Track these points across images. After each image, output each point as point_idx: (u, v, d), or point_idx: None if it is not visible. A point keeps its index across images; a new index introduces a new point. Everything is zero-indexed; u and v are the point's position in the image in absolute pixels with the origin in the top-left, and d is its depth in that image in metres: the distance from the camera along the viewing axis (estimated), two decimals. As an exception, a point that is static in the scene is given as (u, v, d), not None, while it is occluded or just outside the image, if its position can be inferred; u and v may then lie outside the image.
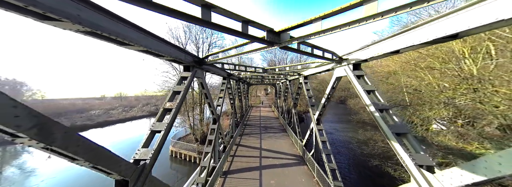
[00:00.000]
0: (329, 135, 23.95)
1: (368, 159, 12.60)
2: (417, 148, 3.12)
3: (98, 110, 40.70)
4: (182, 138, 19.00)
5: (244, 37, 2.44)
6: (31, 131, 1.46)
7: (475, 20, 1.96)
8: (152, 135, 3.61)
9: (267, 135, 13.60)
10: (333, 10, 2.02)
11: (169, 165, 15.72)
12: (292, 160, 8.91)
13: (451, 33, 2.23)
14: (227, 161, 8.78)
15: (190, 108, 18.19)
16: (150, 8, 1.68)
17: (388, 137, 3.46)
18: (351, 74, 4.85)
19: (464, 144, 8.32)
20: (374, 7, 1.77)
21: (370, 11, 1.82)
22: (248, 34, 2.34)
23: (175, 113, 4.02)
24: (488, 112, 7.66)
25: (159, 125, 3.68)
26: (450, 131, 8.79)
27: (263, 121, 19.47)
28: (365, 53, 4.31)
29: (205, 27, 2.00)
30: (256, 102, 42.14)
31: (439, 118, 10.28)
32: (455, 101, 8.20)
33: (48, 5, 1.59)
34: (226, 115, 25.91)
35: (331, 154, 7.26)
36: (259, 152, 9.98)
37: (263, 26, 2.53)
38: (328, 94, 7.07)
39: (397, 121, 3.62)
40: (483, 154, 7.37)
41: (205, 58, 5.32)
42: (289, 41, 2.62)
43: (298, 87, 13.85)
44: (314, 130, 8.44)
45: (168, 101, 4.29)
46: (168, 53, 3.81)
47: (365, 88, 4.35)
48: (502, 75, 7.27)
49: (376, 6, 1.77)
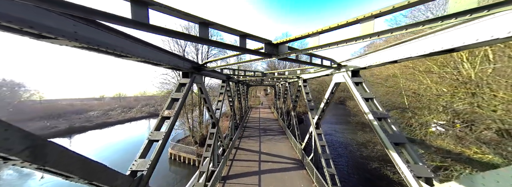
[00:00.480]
0: (328, 136, 23.94)
1: (367, 162, 12.61)
2: (416, 159, 3.12)
3: (96, 111, 40.54)
4: (181, 140, 18.94)
5: (243, 51, 2.44)
6: (23, 154, 1.45)
7: (471, 36, 1.97)
8: (149, 145, 3.58)
9: (266, 138, 13.59)
10: (330, 26, 2.02)
11: (168, 168, 15.68)
12: (291, 164, 8.90)
13: (448, 48, 2.24)
14: (226, 165, 8.76)
15: (189, 110, 18.14)
16: (148, 30, 1.68)
17: (386, 147, 3.46)
18: (350, 81, 4.85)
19: (463, 148, 8.35)
20: (370, 26, 1.78)
21: (366, 30, 1.82)
22: (246, 49, 2.34)
23: (173, 122, 4.01)
24: (486, 116, 7.70)
25: (157, 134, 3.66)
26: (448, 135, 8.81)
27: (262, 123, 19.46)
28: (363, 61, 4.32)
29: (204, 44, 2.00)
30: (256, 102, 42.13)
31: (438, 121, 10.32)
32: (454, 106, 8.23)
33: (44, 26, 1.58)
34: (225, 116, 25.87)
35: (330, 159, 7.25)
36: (258, 155, 9.97)
37: (261, 38, 2.53)
38: (327, 99, 7.07)
39: (395, 130, 3.62)
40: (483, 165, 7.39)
41: (204, 64, 5.31)
42: (287, 54, 2.62)
43: (297, 90, 13.86)
44: (313, 134, 8.44)
45: (166, 109, 4.28)
46: (167, 61, 3.80)
47: (363, 96, 4.35)
48: (499, 80, 7.30)
49: (372, 25, 1.77)
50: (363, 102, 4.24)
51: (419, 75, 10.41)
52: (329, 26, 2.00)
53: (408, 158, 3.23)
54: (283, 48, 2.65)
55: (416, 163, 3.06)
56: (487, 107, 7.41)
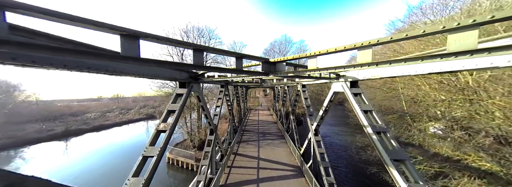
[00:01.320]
0: (327, 138, 23.92)
1: (367, 166, 12.57)
2: (416, 177, 3.06)
3: (94, 113, 40.14)
4: (180, 144, 18.77)
5: (239, 73, 2.38)
6: None
7: (471, 63, 1.93)
8: (143, 161, 3.49)
9: (265, 142, 13.51)
10: (328, 50, 1.97)
11: (166, 172, 15.52)
12: (290, 172, 8.83)
13: (447, 70, 2.20)
14: (224, 173, 8.66)
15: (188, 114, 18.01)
16: (139, 63, 1.61)
17: (386, 163, 3.40)
18: (348, 92, 4.80)
19: (462, 154, 8.34)
20: (368, 54, 1.73)
21: (364, 58, 1.77)
22: (244, 71, 2.27)
23: (169, 135, 3.91)
24: (484, 123, 7.71)
25: (151, 149, 3.57)
26: (446, 142, 8.81)
27: (261, 126, 19.38)
28: (362, 73, 4.27)
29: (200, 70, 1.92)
30: (255, 103, 42.03)
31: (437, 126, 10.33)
32: (452, 113, 8.23)
33: (28, 59, 1.50)
34: (224, 117, 25.72)
35: (329, 167, 7.19)
36: (257, 162, 9.88)
37: (257, 57, 2.47)
38: (326, 107, 7.02)
39: (395, 146, 3.57)
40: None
41: (202, 74, 5.22)
42: (285, 73, 2.56)
43: (296, 94, 13.82)
44: (312, 140, 8.38)
45: (162, 122, 4.18)
46: (162, 74, 3.72)
47: (362, 108, 4.30)
48: (497, 87, 7.31)
49: (370, 53, 1.73)
50: (362, 114, 4.19)
51: (417, 80, 10.43)
52: (327, 50, 1.95)
53: (408, 175, 3.18)
54: (280, 67, 2.60)
55: (416, 182, 3.01)
56: (485, 115, 7.42)
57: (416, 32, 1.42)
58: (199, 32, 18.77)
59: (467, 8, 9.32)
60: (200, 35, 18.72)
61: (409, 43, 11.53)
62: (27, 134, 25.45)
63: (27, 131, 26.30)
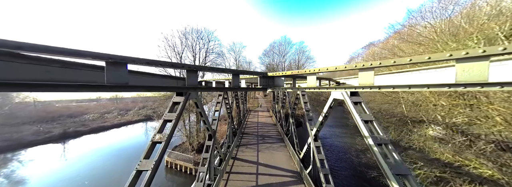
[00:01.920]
0: (327, 140, 23.84)
1: (366, 170, 12.50)
2: (418, 194, 2.96)
3: (92, 114, 39.87)
4: (178, 147, 18.63)
5: (237, 90, 2.30)
6: None
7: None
8: (138, 175, 3.37)
9: (264, 146, 13.40)
10: (328, 68, 1.88)
11: (165, 176, 15.37)
12: (289, 178, 8.73)
13: (445, 82, 2.12)
14: (223, 179, 8.54)
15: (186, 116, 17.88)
16: (129, 90, 1.50)
17: (388, 177, 3.31)
18: (348, 100, 4.69)
19: (463, 159, 8.27)
20: (370, 76, 1.65)
21: (366, 80, 1.69)
22: (241, 88, 2.19)
23: (164, 147, 3.79)
24: (485, 128, 7.65)
25: (146, 163, 3.45)
26: (447, 148, 8.75)
27: (260, 129, 19.27)
28: (363, 83, 4.19)
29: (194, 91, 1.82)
30: (254, 104, 41.89)
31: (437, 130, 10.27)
32: (453, 119, 8.17)
33: (14, 81, 1.40)
34: (223, 118, 25.57)
35: (329, 174, 7.08)
36: (256, 167, 9.78)
37: (255, 72, 2.38)
38: (326, 113, 6.92)
39: (397, 159, 3.47)
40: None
41: (200, 82, 5.11)
42: (284, 88, 2.48)
43: (296, 97, 13.73)
44: (312, 146, 8.27)
45: (157, 132, 4.06)
46: (159, 84, 3.61)
47: (362, 118, 4.20)
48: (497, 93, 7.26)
49: (372, 76, 1.64)
50: (363, 124, 4.09)
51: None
52: (327, 68, 1.87)
53: (411, 192, 3.08)
54: (279, 81, 2.51)
55: (419, 199, 2.91)
56: (486, 121, 7.36)
57: (421, 59, 1.33)
58: (198, 34, 18.70)
59: (467, 12, 9.30)
60: (199, 37, 18.65)
61: (409, 47, 11.49)
62: (25, 136, 25.21)
63: (25, 133, 26.05)
